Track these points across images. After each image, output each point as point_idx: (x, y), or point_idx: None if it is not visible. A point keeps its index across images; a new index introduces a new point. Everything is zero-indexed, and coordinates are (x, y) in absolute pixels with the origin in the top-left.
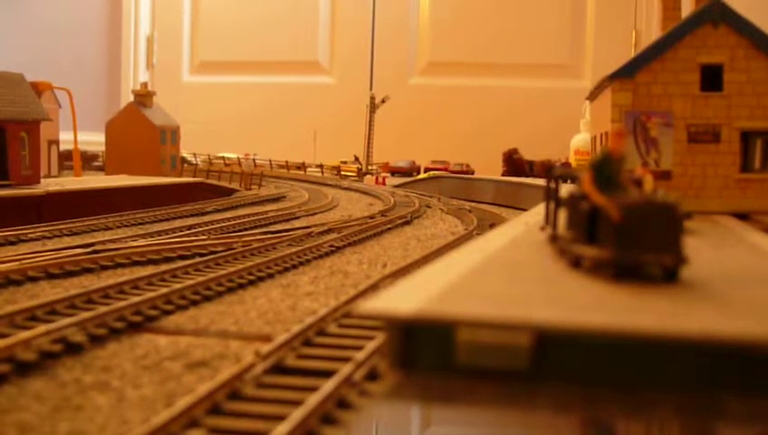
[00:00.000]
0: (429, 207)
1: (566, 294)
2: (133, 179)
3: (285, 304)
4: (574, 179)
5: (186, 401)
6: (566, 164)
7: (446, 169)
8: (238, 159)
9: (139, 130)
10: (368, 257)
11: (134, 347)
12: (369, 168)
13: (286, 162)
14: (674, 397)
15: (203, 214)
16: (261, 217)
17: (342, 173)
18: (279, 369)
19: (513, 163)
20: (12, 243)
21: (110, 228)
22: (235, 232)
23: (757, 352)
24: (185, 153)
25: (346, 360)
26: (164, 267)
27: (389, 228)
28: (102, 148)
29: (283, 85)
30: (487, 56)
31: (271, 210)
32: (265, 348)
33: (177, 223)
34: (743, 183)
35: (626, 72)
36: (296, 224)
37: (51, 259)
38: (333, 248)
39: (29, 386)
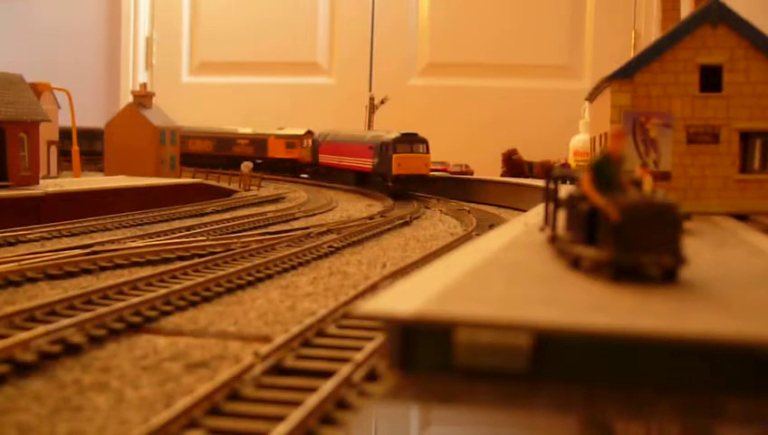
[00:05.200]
0: (428, 208)
1: (565, 294)
2: (132, 180)
3: (284, 304)
4: (573, 180)
5: (185, 401)
6: (565, 165)
7: (445, 170)
8: None
9: (138, 130)
10: (367, 258)
11: (133, 348)
12: None
13: None
14: (674, 397)
15: (202, 215)
16: (260, 217)
17: None
18: (278, 370)
19: (513, 164)
20: (11, 244)
21: (109, 229)
22: (233, 233)
23: (757, 353)
24: None
25: (345, 360)
26: (163, 268)
27: (389, 229)
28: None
29: (283, 86)
30: (486, 57)
31: (270, 211)
32: (264, 349)
33: (176, 224)
34: (742, 184)
35: (625, 73)
36: (295, 225)
37: (50, 260)
38: (332, 249)
39: (28, 387)
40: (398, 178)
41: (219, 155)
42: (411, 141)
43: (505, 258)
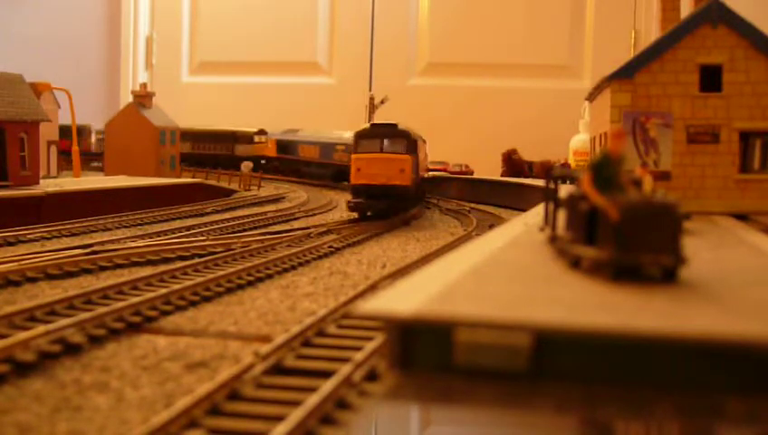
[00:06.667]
0: (428, 207)
1: (565, 294)
2: (132, 180)
3: (284, 304)
4: (573, 180)
5: (185, 401)
6: (565, 165)
7: (445, 170)
8: None
9: (138, 130)
10: (367, 258)
11: (133, 348)
12: None
13: None
14: (674, 397)
15: (202, 215)
16: (260, 217)
17: None
18: (278, 369)
19: (513, 164)
20: (11, 244)
21: (109, 229)
22: (234, 233)
23: (757, 353)
24: None
25: (345, 360)
26: (163, 268)
27: (388, 229)
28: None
29: (283, 86)
30: (487, 57)
31: (270, 211)
32: (264, 349)
33: (177, 224)
34: (742, 184)
35: (625, 73)
36: (295, 225)
37: (50, 260)
38: (332, 249)
39: (28, 387)
40: (356, 190)
41: (324, 163)
42: (382, 136)
43: (505, 258)
